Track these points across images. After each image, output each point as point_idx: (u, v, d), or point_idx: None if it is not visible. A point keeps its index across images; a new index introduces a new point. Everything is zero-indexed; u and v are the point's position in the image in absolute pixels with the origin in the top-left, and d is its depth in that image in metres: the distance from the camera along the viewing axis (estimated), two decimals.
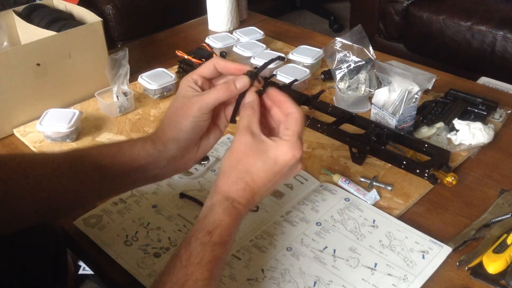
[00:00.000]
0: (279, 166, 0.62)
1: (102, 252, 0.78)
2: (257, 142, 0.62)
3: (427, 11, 2.01)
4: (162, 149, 0.69)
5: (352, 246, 0.77)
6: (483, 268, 0.73)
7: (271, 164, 0.62)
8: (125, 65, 1.10)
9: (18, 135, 1.08)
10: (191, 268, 0.57)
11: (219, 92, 0.66)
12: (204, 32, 1.51)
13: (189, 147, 0.70)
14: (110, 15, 2.22)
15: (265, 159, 0.62)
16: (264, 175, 0.62)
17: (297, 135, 0.63)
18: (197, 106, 0.66)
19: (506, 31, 1.82)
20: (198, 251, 0.58)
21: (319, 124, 1.00)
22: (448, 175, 0.87)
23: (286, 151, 0.62)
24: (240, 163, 0.63)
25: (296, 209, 0.84)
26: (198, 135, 0.69)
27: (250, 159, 0.62)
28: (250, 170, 0.62)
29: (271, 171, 0.62)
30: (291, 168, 0.63)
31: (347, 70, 1.11)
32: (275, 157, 0.62)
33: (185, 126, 0.67)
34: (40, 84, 1.09)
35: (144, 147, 0.69)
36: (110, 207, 0.86)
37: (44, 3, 1.29)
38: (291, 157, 0.62)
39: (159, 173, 0.71)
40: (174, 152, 0.69)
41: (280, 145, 0.62)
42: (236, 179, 0.63)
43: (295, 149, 0.62)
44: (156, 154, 0.69)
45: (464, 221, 0.82)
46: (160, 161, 0.69)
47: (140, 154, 0.69)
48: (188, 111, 0.67)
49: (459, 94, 1.10)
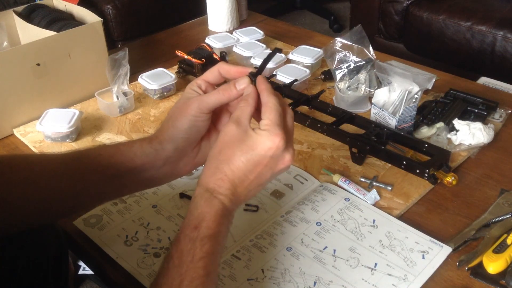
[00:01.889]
0: (259, 157, 0.61)
1: (102, 252, 0.78)
2: (240, 132, 0.61)
3: (427, 11, 2.01)
4: (158, 148, 0.69)
5: (352, 246, 0.77)
6: (483, 268, 0.73)
7: (250, 154, 0.60)
8: (125, 65, 1.10)
9: (18, 135, 1.08)
10: (184, 267, 0.57)
11: (219, 93, 0.66)
12: (204, 32, 1.51)
13: (186, 148, 0.69)
14: (110, 15, 2.22)
15: (244, 149, 0.61)
16: (243, 166, 0.61)
17: (275, 123, 0.61)
18: (196, 105, 0.66)
19: (506, 31, 1.82)
20: (189, 248, 0.58)
21: (319, 124, 1.00)
22: (448, 175, 0.87)
23: (264, 141, 0.60)
24: (221, 153, 0.62)
25: (296, 209, 0.84)
26: (195, 136, 0.69)
27: (231, 149, 0.61)
28: (229, 160, 0.61)
29: (251, 161, 0.61)
30: (275, 159, 0.61)
31: (347, 70, 1.11)
32: (253, 147, 0.61)
33: (182, 124, 0.67)
34: (40, 84, 1.09)
35: (142, 147, 0.69)
36: (110, 207, 0.86)
37: (44, 3, 1.29)
38: (270, 146, 0.60)
39: (156, 175, 0.70)
40: (170, 152, 0.69)
41: (258, 135, 0.61)
42: (215, 169, 0.62)
43: (274, 138, 0.60)
44: (152, 153, 0.68)
45: (464, 221, 0.82)
46: (157, 160, 0.69)
47: (136, 154, 0.68)
48: (187, 110, 0.67)
49: (459, 94, 1.10)
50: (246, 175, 0.61)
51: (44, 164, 0.69)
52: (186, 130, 0.67)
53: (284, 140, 0.61)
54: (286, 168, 0.63)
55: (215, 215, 0.60)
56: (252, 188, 0.63)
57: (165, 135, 0.69)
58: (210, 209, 0.60)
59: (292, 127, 0.64)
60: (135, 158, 0.68)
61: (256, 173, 0.61)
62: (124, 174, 0.69)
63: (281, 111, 0.63)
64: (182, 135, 0.68)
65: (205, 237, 0.58)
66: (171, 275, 0.57)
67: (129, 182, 0.70)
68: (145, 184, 0.73)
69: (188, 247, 0.58)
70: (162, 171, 0.70)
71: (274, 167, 0.62)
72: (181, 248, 0.58)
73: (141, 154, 0.69)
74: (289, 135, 0.63)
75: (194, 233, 0.58)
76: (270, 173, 0.62)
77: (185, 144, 0.69)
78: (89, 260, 0.81)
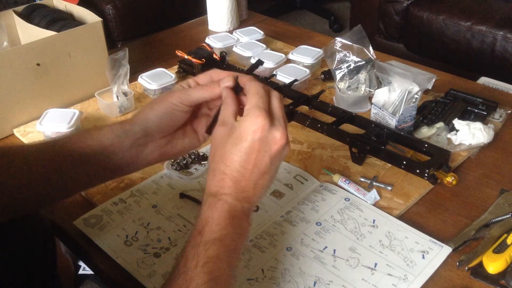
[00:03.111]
0: (248, 142, 0.59)
1: (102, 252, 0.78)
2: (227, 129, 0.61)
3: (427, 11, 2.01)
4: (128, 129, 0.69)
5: (352, 246, 0.77)
6: (483, 268, 0.73)
7: (239, 144, 0.59)
8: (125, 65, 1.10)
9: (18, 135, 1.08)
10: (189, 273, 0.56)
11: (203, 89, 0.67)
12: (204, 32, 1.51)
13: (155, 134, 0.69)
14: (110, 15, 2.22)
15: (233, 142, 0.60)
16: (237, 157, 0.59)
17: (254, 106, 0.60)
18: (178, 95, 0.67)
19: (506, 31, 1.82)
20: (192, 254, 0.57)
21: (319, 124, 1.00)
22: (448, 175, 0.87)
23: (248, 125, 0.59)
24: (215, 155, 0.61)
25: (296, 209, 0.84)
26: (167, 123, 0.69)
27: (222, 148, 0.61)
28: (223, 157, 0.60)
29: (243, 150, 0.59)
30: (264, 141, 0.59)
31: (347, 70, 1.11)
32: (240, 135, 0.59)
33: (159, 108, 0.68)
34: (40, 84, 1.09)
35: (111, 128, 0.70)
36: (110, 207, 0.86)
37: (44, 3, 1.29)
38: (254, 129, 0.59)
39: (123, 160, 0.70)
40: (138, 134, 0.69)
41: (242, 121, 0.60)
42: (213, 172, 0.61)
43: (256, 119, 0.59)
44: (122, 134, 0.69)
45: (464, 221, 0.82)
46: (124, 141, 0.69)
47: (105, 135, 0.69)
48: (168, 98, 0.68)
49: (459, 94, 1.10)
50: (243, 166, 0.60)
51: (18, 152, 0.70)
52: (160, 115, 0.68)
53: (268, 120, 0.59)
54: (281, 147, 0.61)
55: (218, 218, 0.59)
56: (257, 178, 0.61)
57: (138, 117, 0.70)
58: (212, 212, 0.59)
59: (280, 107, 0.62)
60: (103, 140, 0.69)
61: (252, 161, 0.60)
62: (92, 158, 0.69)
63: (263, 93, 0.62)
64: (154, 119, 0.68)
65: (208, 241, 0.57)
66: (177, 283, 0.56)
67: (96, 167, 0.70)
68: (112, 170, 0.72)
69: (191, 253, 0.57)
70: (129, 155, 0.70)
71: (268, 150, 0.60)
72: (186, 255, 0.57)
73: (110, 135, 0.69)
74: (275, 115, 0.61)
75: (197, 239, 0.58)
76: (267, 157, 0.60)
77: (155, 129, 0.69)
78: (89, 260, 0.81)
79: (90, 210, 0.85)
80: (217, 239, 0.58)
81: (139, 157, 0.71)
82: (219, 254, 0.57)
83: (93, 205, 0.88)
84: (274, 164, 0.61)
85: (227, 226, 0.59)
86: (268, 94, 0.63)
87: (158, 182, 0.91)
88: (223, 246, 0.58)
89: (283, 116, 0.62)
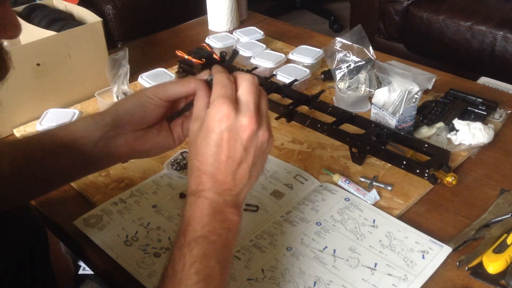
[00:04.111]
0: (216, 134, 0.57)
1: (102, 252, 0.78)
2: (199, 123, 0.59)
3: (427, 11, 2.01)
4: (98, 120, 0.69)
5: (352, 246, 0.77)
6: (483, 268, 0.73)
7: (208, 135, 0.57)
8: (125, 65, 1.10)
9: (18, 135, 1.08)
10: (177, 276, 0.55)
11: (179, 84, 0.66)
12: (204, 32, 1.51)
13: (126, 126, 0.68)
14: (110, 15, 2.22)
15: (202, 134, 0.58)
16: (208, 151, 0.57)
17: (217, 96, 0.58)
18: (154, 88, 0.67)
19: (506, 31, 1.82)
20: (178, 257, 0.56)
21: (319, 124, 1.00)
22: (448, 175, 0.87)
23: (213, 114, 0.57)
24: (191, 153, 0.60)
25: (296, 209, 0.84)
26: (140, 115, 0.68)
27: (195, 143, 0.59)
28: (196, 153, 0.58)
29: (212, 143, 0.57)
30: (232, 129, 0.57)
31: (347, 70, 1.11)
32: (208, 127, 0.57)
33: (131, 99, 0.68)
34: (40, 84, 1.09)
35: (84, 120, 0.70)
36: (110, 207, 0.86)
37: (44, 3, 1.29)
38: (219, 118, 0.56)
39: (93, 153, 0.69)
40: (109, 126, 0.68)
41: (208, 113, 0.58)
42: (191, 170, 0.60)
43: (219, 107, 0.57)
44: (92, 125, 0.69)
45: (464, 221, 0.82)
46: (94, 132, 0.68)
47: (77, 127, 0.70)
48: (144, 91, 0.68)
49: (459, 94, 1.10)
50: (216, 159, 0.57)
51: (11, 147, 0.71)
52: (133, 106, 0.68)
53: (232, 107, 0.57)
54: (251, 133, 0.58)
55: (200, 215, 0.57)
56: (233, 169, 0.58)
57: (111, 107, 0.69)
58: (193, 211, 0.58)
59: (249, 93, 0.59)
60: (75, 132, 0.69)
61: (224, 152, 0.57)
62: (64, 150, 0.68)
63: (227, 82, 0.59)
64: (127, 110, 0.68)
65: (192, 241, 0.56)
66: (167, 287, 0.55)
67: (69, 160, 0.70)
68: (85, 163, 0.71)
69: (178, 256, 0.56)
70: (99, 147, 0.69)
71: (239, 138, 0.57)
72: (173, 258, 0.56)
73: (82, 127, 0.69)
74: (242, 101, 0.58)
75: (181, 240, 0.56)
76: (239, 145, 0.57)
77: (126, 120, 0.68)
78: (89, 260, 0.81)
79: (90, 210, 0.85)
80: (200, 236, 0.56)
81: (109, 149, 0.70)
82: (205, 252, 0.56)
83: (93, 205, 0.88)
84: (249, 152, 0.58)
85: (210, 222, 0.57)
86: (235, 82, 0.60)
87: (158, 182, 0.91)
88: (208, 243, 0.56)
89: (254, 103, 0.59)
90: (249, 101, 0.58)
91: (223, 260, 0.57)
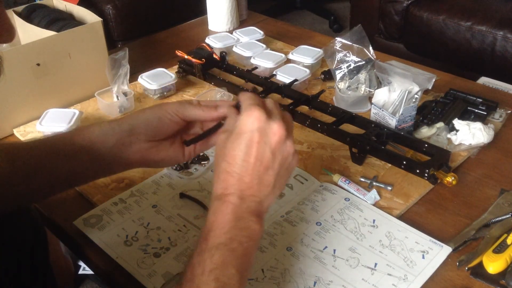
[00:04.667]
0: (247, 134, 0.59)
1: (102, 252, 0.78)
2: (228, 134, 0.62)
3: (427, 11, 2.01)
4: (115, 126, 0.71)
5: (352, 246, 0.77)
6: (483, 268, 0.73)
7: (239, 137, 0.60)
8: (125, 65, 1.10)
9: (18, 135, 1.08)
10: (195, 281, 0.55)
11: (200, 109, 0.69)
12: (204, 32, 1.51)
13: (140, 135, 0.70)
14: (110, 15, 2.22)
15: (233, 138, 0.60)
16: (238, 151, 0.59)
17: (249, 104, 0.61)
18: (176, 106, 0.69)
19: (506, 31, 1.82)
20: (198, 261, 0.56)
21: (319, 124, 1.00)
22: (448, 175, 0.87)
23: (245, 119, 0.60)
24: (218, 159, 0.62)
25: (296, 209, 0.84)
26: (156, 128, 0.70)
27: (224, 148, 0.61)
28: (225, 155, 0.60)
29: (243, 143, 0.59)
30: (263, 132, 0.59)
31: (347, 70, 1.11)
32: (239, 130, 0.60)
33: (150, 111, 0.70)
34: (40, 84, 1.09)
35: (100, 125, 0.71)
36: (110, 207, 0.86)
37: (44, 3, 1.29)
38: (252, 120, 0.59)
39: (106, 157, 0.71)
40: (125, 133, 0.70)
41: (239, 120, 0.61)
42: (218, 174, 0.61)
43: (253, 112, 0.60)
44: (108, 131, 0.70)
45: (464, 221, 0.82)
46: (109, 138, 0.70)
47: (94, 132, 0.71)
48: (165, 105, 0.70)
49: (459, 94, 1.10)
50: (245, 160, 0.59)
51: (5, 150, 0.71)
52: (150, 117, 0.70)
53: (264, 112, 0.60)
54: (280, 139, 0.60)
55: (222, 222, 0.58)
56: (260, 173, 0.60)
57: (129, 116, 0.71)
58: (217, 217, 0.59)
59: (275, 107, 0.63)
60: (90, 136, 0.70)
61: (253, 153, 0.59)
62: (78, 155, 0.70)
63: (255, 97, 0.63)
64: (144, 120, 0.70)
65: (213, 247, 0.56)
66: None
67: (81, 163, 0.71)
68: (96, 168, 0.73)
69: (198, 260, 0.56)
70: (112, 153, 0.71)
71: (268, 142, 0.60)
72: (192, 262, 0.57)
73: (97, 132, 0.70)
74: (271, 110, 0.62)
75: (203, 245, 0.57)
76: (268, 150, 0.60)
77: (142, 130, 0.70)
78: (89, 260, 0.81)
79: (90, 210, 0.85)
80: (222, 244, 0.57)
81: (121, 155, 0.71)
82: (225, 260, 0.56)
83: (93, 205, 0.88)
84: (276, 158, 0.60)
85: (232, 229, 0.58)
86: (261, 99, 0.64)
87: (158, 182, 0.91)
88: (229, 251, 0.57)
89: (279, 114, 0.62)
90: (278, 113, 0.62)
91: (242, 269, 0.57)
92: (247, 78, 1.20)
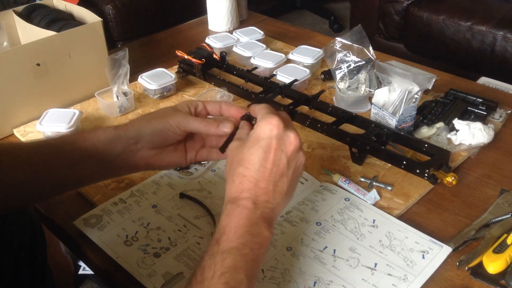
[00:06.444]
0: (265, 140, 0.62)
1: (102, 252, 0.78)
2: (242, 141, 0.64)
3: (427, 11, 2.01)
4: (122, 134, 0.71)
5: (352, 246, 0.77)
6: (483, 268, 0.73)
7: (257, 143, 0.62)
8: (125, 65, 1.10)
9: (18, 135, 1.08)
10: (205, 283, 0.55)
11: (202, 123, 0.71)
12: (204, 32, 1.51)
13: (146, 145, 0.72)
14: (110, 15, 2.22)
15: (250, 144, 0.62)
16: (255, 157, 0.61)
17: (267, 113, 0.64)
18: (178, 119, 0.70)
19: (506, 31, 1.82)
20: (209, 264, 0.56)
21: (319, 124, 1.00)
22: (448, 175, 0.87)
23: (263, 126, 0.62)
24: (232, 164, 0.63)
25: (296, 209, 0.84)
26: (160, 139, 0.72)
27: (239, 154, 0.63)
28: (242, 160, 0.62)
29: (260, 149, 0.61)
30: (280, 139, 0.62)
31: (347, 70, 1.11)
32: (257, 136, 0.63)
33: (156, 125, 0.71)
34: (40, 84, 1.09)
35: (105, 132, 0.72)
36: (110, 207, 0.86)
37: (44, 3, 1.29)
38: (270, 127, 0.62)
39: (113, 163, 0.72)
40: (131, 140, 0.71)
41: (256, 127, 0.64)
42: (233, 178, 0.62)
43: (271, 120, 0.62)
44: (114, 138, 0.71)
45: (464, 221, 0.82)
46: (116, 145, 0.71)
47: (99, 138, 0.71)
48: (169, 117, 0.71)
49: (459, 94, 1.10)
50: (262, 165, 0.61)
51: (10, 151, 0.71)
52: (155, 130, 0.71)
53: (281, 121, 0.62)
54: (296, 148, 0.63)
55: (236, 226, 0.58)
56: (276, 179, 0.61)
57: (134, 125, 0.72)
58: (230, 220, 0.59)
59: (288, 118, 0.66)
60: (96, 142, 0.71)
61: (271, 159, 0.61)
62: (84, 159, 0.70)
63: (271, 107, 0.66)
64: (149, 132, 0.71)
65: (225, 251, 0.57)
66: None
67: (87, 168, 0.72)
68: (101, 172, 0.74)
69: (209, 263, 0.56)
70: (119, 159, 0.72)
71: (285, 149, 0.62)
72: (203, 264, 0.57)
73: (103, 138, 0.71)
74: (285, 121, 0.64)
75: (214, 248, 0.57)
76: (284, 157, 0.62)
77: (147, 141, 0.72)
78: (89, 260, 0.81)
79: (90, 210, 0.85)
80: (234, 248, 0.57)
81: (128, 162, 0.73)
82: (236, 264, 0.56)
83: (93, 205, 0.88)
84: (291, 167, 0.63)
85: (245, 234, 0.58)
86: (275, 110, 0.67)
87: (158, 182, 0.91)
88: (240, 256, 0.57)
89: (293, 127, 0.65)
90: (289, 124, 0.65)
91: (251, 275, 0.58)
92: (247, 78, 1.20)
